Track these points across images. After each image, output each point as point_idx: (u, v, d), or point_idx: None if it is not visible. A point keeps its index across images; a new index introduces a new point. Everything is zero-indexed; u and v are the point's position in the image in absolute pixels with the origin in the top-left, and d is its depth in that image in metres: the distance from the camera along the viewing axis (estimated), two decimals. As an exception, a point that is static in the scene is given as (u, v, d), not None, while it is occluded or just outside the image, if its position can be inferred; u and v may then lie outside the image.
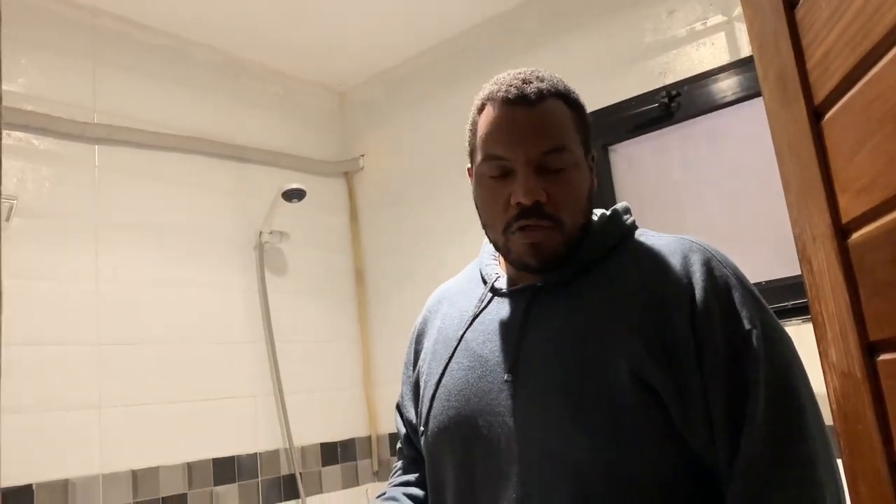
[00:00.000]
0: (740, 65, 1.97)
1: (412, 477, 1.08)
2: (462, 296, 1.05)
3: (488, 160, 0.91)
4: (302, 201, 2.42)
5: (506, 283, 0.98)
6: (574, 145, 0.91)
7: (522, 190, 0.87)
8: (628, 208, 1.00)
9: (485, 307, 0.98)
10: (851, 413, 0.51)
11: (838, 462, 0.73)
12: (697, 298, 0.84)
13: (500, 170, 0.90)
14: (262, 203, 2.48)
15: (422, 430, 1.00)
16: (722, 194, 2.02)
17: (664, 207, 2.12)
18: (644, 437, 0.81)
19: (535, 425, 0.86)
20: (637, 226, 0.98)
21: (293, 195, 2.39)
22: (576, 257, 0.92)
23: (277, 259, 2.55)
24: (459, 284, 1.09)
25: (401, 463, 1.13)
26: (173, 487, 2.08)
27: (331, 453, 2.54)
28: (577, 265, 0.92)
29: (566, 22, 2.33)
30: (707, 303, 0.83)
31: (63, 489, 1.87)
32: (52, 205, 2.02)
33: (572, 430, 0.83)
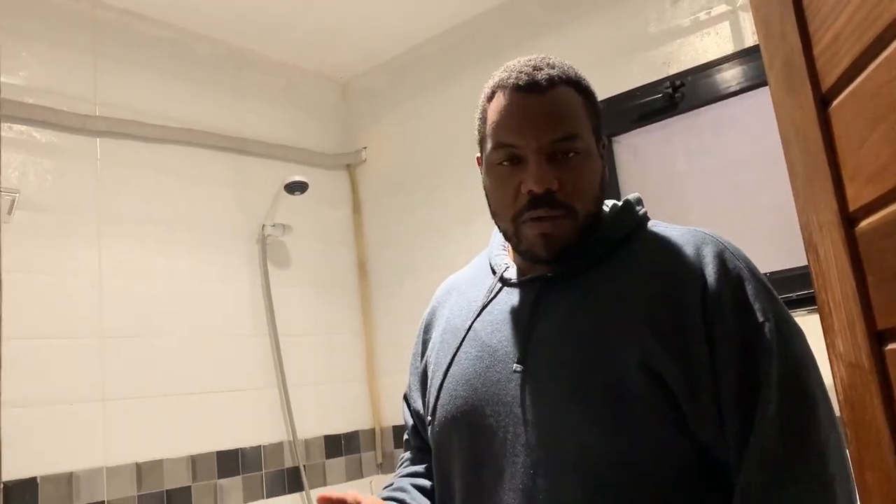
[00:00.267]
0: (745, 54, 1.95)
1: (420, 467, 1.08)
2: (471, 286, 1.04)
3: (498, 148, 0.90)
4: (305, 194, 2.42)
5: (515, 274, 0.98)
6: (585, 132, 0.90)
7: (534, 178, 0.86)
8: (640, 199, 0.99)
9: (494, 297, 0.98)
10: (859, 403, 0.50)
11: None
12: (710, 290, 0.83)
13: (511, 157, 0.89)
14: (265, 196, 2.48)
15: (429, 420, 0.99)
16: (726, 185, 2.01)
17: (669, 198, 2.11)
18: (653, 428, 0.81)
19: (544, 415, 0.85)
20: (649, 217, 0.97)
21: (296, 187, 2.39)
22: (587, 248, 0.91)
23: (280, 252, 2.55)
24: (468, 275, 1.08)
25: (408, 454, 1.12)
26: (177, 480, 2.09)
27: (335, 446, 2.55)
28: (589, 256, 0.91)
29: (569, 11, 2.32)
30: (719, 295, 0.82)
31: (67, 482, 1.87)
32: (54, 198, 2.01)
33: (581, 421, 0.83)
